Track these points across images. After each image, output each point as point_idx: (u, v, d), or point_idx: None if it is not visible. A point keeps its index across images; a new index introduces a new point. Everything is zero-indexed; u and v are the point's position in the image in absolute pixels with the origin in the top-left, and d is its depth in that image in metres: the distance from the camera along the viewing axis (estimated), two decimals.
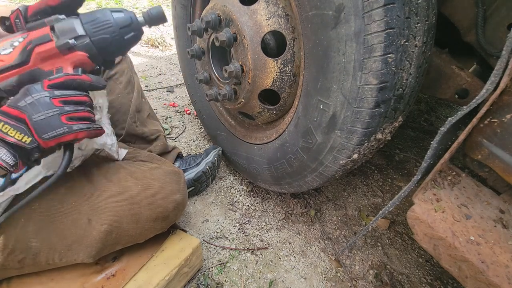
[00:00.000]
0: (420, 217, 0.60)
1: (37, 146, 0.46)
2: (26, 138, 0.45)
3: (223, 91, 0.88)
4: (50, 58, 0.50)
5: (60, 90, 0.48)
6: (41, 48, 0.49)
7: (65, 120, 0.47)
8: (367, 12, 0.52)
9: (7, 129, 0.44)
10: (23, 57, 0.49)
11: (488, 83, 0.48)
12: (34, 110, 0.45)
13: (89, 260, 0.64)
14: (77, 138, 0.49)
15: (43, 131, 0.46)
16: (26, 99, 0.46)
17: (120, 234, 0.66)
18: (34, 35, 0.50)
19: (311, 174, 0.79)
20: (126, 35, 0.56)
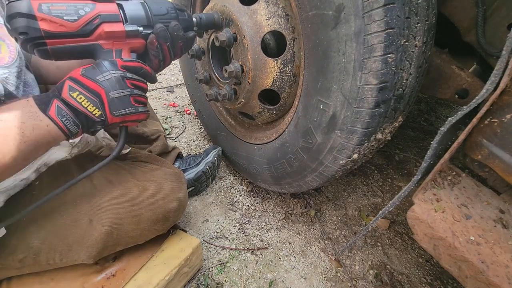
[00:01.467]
0: (420, 217, 0.60)
1: (103, 120, 0.49)
2: (96, 111, 0.48)
3: (223, 91, 0.88)
4: (113, 38, 0.51)
5: (131, 73, 0.51)
6: (108, 27, 0.49)
7: (133, 101, 0.51)
8: (367, 12, 0.52)
9: (81, 99, 0.46)
10: (87, 29, 0.47)
11: (488, 83, 0.48)
12: (112, 87, 0.48)
13: (90, 261, 0.64)
14: (139, 119, 0.54)
15: (116, 108, 0.49)
16: (104, 74, 0.48)
17: (121, 235, 0.66)
18: (103, 9, 0.48)
19: (311, 174, 0.79)
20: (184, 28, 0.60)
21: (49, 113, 0.45)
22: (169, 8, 0.58)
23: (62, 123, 0.46)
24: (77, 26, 0.47)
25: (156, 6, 0.55)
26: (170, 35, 0.56)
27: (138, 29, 0.52)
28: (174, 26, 0.56)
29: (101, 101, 0.48)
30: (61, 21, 0.45)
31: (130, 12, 0.52)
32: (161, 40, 0.55)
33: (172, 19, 0.58)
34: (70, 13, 0.46)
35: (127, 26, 0.51)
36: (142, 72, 0.53)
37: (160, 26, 0.54)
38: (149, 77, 0.55)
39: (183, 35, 0.58)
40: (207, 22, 0.72)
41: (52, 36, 0.45)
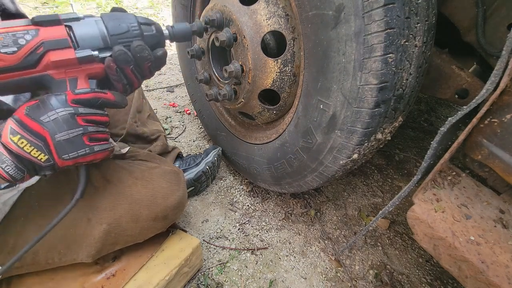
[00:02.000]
0: (420, 217, 0.60)
1: (52, 165, 0.44)
2: (42, 155, 0.42)
3: (223, 91, 0.88)
4: (64, 67, 0.45)
5: (85, 107, 0.45)
6: (55, 56, 0.43)
7: (87, 140, 0.45)
8: (367, 12, 0.52)
9: (23, 144, 0.41)
10: (31, 60, 0.42)
11: (488, 83, 0.48)
12: (58, 128, 0.42)
13: (89, 260, 0.64)
14: (95, 159, 0.48)
15: (64, 152, 0.43)
16: (49, 114, 0.42)
17: (120, 234, 0.66)
18: (48, 35, 0.42)
19: (311, 174, 0.79)
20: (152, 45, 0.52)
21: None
22: (130, 25, 0.49)
23: (3, 169, 0.41)
24: (18, 59, 0.41)
25: (114, 24, 0.48)
26: (132, 57, 0.49)
27: (92, 54, 0.45)
28: (136, 47, 0.49)
29: (47, 145, 0.42)
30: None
31: (82, 35, 0.45)
32: (121, 64, 0.48)
33: (135, 37, 0.50)
34: (8, 44, 0.40)
35: (79, 52, 0.44)
36: (100, 102, 0.46)
37: (119, 49, 0.47)
38: (112, 104, 0.49)
39: (148, 55, 0.50)
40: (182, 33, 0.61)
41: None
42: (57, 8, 2.47)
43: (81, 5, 2.62)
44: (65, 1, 2.51)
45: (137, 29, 0.50)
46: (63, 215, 0.49)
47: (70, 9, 2.15)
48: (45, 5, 2.48)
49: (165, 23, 2.74)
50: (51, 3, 2.51)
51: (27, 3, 2.41)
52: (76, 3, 2.59)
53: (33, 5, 2.43)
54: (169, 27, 0.58)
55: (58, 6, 2.49)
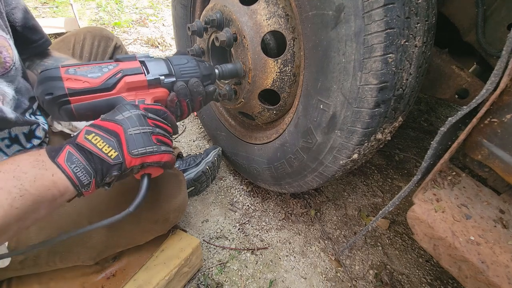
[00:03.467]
0: (420, 217, 0.60)
1: (120, 163, 0.44)
2: (113, 151, 0.43)
3: (223, 91, 0.88)
4: (135, 89, 0.52)
5: (153, 114, 0.49)
6: (130, 78, 0.50)
7: (155, 140, 0.47)
8: (367, 12, 0.52)
9: (96, 140, 0.43)
10: (110, 83, 0.49)
11: (488, 83, 0.48)
12: (131, 124, 0.45)
13: (90, 262, 0.64)
14: (161, 160, 0.48)
15: (134, 146, 0.44)
16: (124, 113, 0.46)
17: (121, 236, 0.66)
18: (126, 65, 0.51)
19: (311, 174, 0.79)
20: (205, 82, 0.62)
21: (57, 160, 0.40)
22: (189, 59, 0.61)
23: (71, 170, 0.40)
24: (100, 81, 0.48)
25: (176, 57, 0.59)
26: (189, 92, 0.57)
27: (159, 77, 0.54)
28: (194, 83, 0.58)
29: (119, 140, 0.44)
30: (85, 78, 0.47)
31: (151, 65, 0.54)
32: (180, 96, 0.56)
33: (194, 71, 0.60)
34: (94, 71, 0.48)
35: (149, 76, 0.53)
36: (165, 116, 0.51)
37: (181, 84, 0.56)
38: (172, 123, 0.53)
39: (202, 90, 0.59)
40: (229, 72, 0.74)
41: (76, 93, 0.46)
42: (57, 8, 2.47)
43: (81, 5, 2.62)
44: (65, 1, 2.51)
45: (194, 64, 0.61)
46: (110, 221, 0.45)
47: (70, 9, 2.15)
48: (45, 5, 2.48)
49: (165, 24, 2.74)
50: (51, 3, 2.51)
51: (27, 3, 2.41)
52: (76, 3, 2.59)
53: (33, 5, 2.43)
54: (218, 66, 0.71)
55: (58, 6, 2.49)
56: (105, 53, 0.90)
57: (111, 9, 2.66)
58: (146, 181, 0.49)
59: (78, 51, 0.86)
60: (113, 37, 0.92)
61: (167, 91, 0.56)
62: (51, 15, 2.39)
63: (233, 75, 0.73)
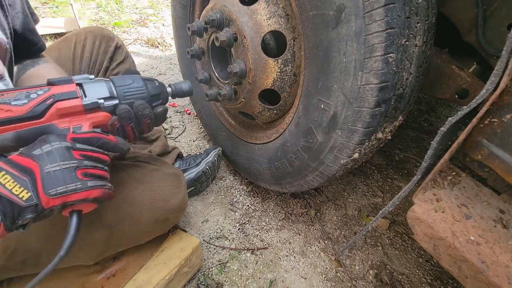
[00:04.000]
0: (420, 217, 0.60)
1: (35, 206, 0.39)
2: (24, 193, 0.38)
3: (223, 91, 0.88)
4: (69, 115, 0.46)
5: (83, 144, 0.44)
6: (63, 104, 0.45)
7: (81, 175, 0.42)
8: (368, 12, 0.52)
9: (6, 180, 0.37)
10: (38, 110, 0.43)
11: (488, 83, 0.48)
12: (49, 160, 0.40)
13: (90, 262, 0.64)
14: (89, 197, 0.42)
15: (51, 185, 0.39)
16: (44, 147, 0.41)
17: (121, 236, 0.65)
18: (59, 89, 0.46)
19: (312, 174, 0.79)
20: (154, 103, 0.56)
21: None
22: (135, 78, 0.55)
23: None
24: (26, 109, 0.42)
25: (119, 78, 0.53)
26: (134, 115, 0.52)
27: (97, 101, 0.48)
28: (138, 106, 0.52)
29: (33, 179, 0.39)
30: (7, 107, 0.41)
31: (90, 87, 0.49)
32: (123, 121, 0.51)
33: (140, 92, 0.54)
34: (19, 98, 0.43)
35: (85, 100, 0.47)
36: (100, 142, 0.46)
37: (124, 108, 0.51)
38: (113, 146, 0.47)
39: (149, 113, 0.53)
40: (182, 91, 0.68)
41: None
42: (57, 8, 2.47)
43: (81, 5, 2.62)
44: (65, 1, 2.51)
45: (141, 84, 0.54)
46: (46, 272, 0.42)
47: (70, 9, 2.15)
48: (45, 5, 2.48)
49: (165, 24, 2.74)
50: (51, 3, 2.51)
51: None
52: (76, 3, 2.59)
53: (33, 5, 2.42)
54: (171, 85, 0.65)
55: (58, 6, 2.49)
56: (106, 53, 0.90)
57: (111, 9, 2.66)
58: (75, 220, 0.44)
59: (79, 51, 0.86)
60: (114, 37, 0.92)
61: (109, 115, 0.50)
62: (51, 15, 2.39)
63: (186, 94, 0.67)
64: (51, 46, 0.86)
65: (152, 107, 0.55)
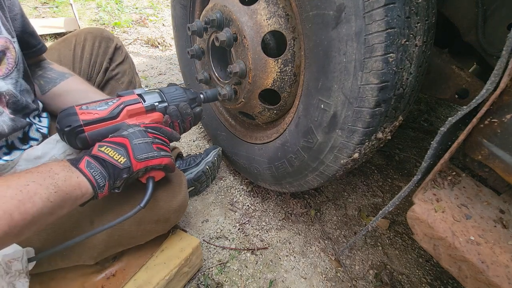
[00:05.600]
0: (420, 217, 0.59)
1: (128, 168, 0.53)
2: (122, 158, 0.53)
3: (223, 91, 0.88)
4: (135, 115, 0.63)
5: (152, 130, 0.61)
6: (131, 107, 0.62)
7: (155, 148, 0.58)
8: (368, 12, 0.52)
9: (108, 150, 0.52)
10: (115, 112, 0.60)
11: (488, 83, 0.48)
12: (135, 136, 0.56)
13: (91, 262, 0.64)
14: (162, 163, 0.58)
15: (139, 152, 0.54)
16: (129, 130, 0.57)
17: (122, 236, 0.66)
18: (126, 99, 0.63)
19: (312, 174, 0.79)
20: (192, 105, 0.75)
21: (79, 166, 0.50)
22: (177, 87, 0.74)
23: (91, 174, 0.49)
24: (107, 112, 0.60)
25: (166, 87, 0.73)
26: (180, 113, 0.69)
27: (154, 104, 0.66)
28: (183, 106, 0.70)
29: (126, 149, 0.54)
30: (95, 111, 0.59)
31: (147, 96, 0.67)
32: (173, 118, 0.69)
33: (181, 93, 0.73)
34: (102, 106, 0.60)
35: (145, 104, 0.65)
36: (161, 130, 0.63)
37: (173, 107, 0.69)
38: (169, 135, 0.65)
39: (190, 112, 0.71)
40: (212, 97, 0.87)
41: (89, 123, 0.57)
42: (57, 8, 2.47)
43: (81, 5, 2.62)
44: (65, 1, 2.51)
45: (182, 91, 0.74)
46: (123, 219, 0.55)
47: (70, 9, 2.15)
48: (45, 5, 2.48)
49: (165, 24, 2.74)
50: (51, 3, 2.51)
51: (27, 3, 2.41)
52: (76, 3, 2.59)
53: (32, 5, 2.43)
54: (203, 92, 0.84)
55: (58, 6, 2.49)
56: (105, 54, 0.90)
57: (111, 9, 2.66)
58: (151, 182, 0.59)
59: (79, 51, 0.86)
60: (114, 38, 0.92)
61: (162, 114, 0.67)
62: (51, 15, 2.39)
63: (215, 99, 0.87)
64: (51, 47, 0.86)
65: (191, 108, 0.72)
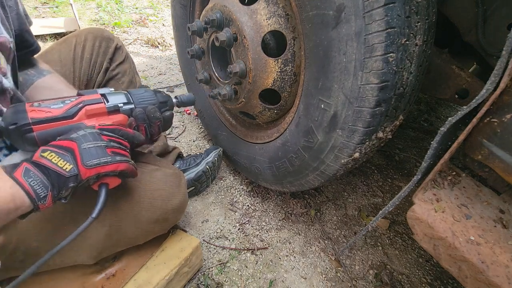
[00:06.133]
0: (420, 217, 0.59)
1: (76, 175, 0.47)
2: (67, 165, 0.46)
3: (223, 91, 0.88)
4: (96, 116, 0.57)
5: (109, 132, 0.54)
6: (90, 107, 0.56)
7: (110, 152, 0.50)
8: (368, 12, 0.52)
9: (52, 156, 0.46)
10: (71, 112, 0.54)
11: (488, 83, 0.48)
12: (85, 140, 0.49)
13: (90, 262, 0.64)
14: (117, 169, 0.51)
15: (88, 158, 0.47)
16: (79, 132, 0.50)
17: (121, 236, 0.65)
18: (86, 98, 0.57)
19: (312, 173, 0.79)
20: (163, 109, 0.68)
21: (14, 174, 0.42)
22: (146, 89, 0.67)
23: (28, 184, 0.42)
24: (62, 111, 0.53)
25: (135, 90, 0.66)
26: (147, 117, 0.62)
27: (117, 104, 0.60)
28: (151, 109, 0.63)
29: (73, 154, 0.47)
30: (48, 109, 0.52)
31: (111, 95, 0.60)
32: (139, 121, 0.62)
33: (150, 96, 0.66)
34: (57, 103, 0.54)
35: (108, 104, 0.58)
36: (121, 133, 0.56)
37: (139, 110, 0.62)
38: (131, 137, 0.57)
39: (159, 115, 0.64)
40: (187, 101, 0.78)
41: (39, 121, 0.50)
42: (57, 8, 2.47)
43: (81, 5, 2.62)
44: (65, 1, 2.51)
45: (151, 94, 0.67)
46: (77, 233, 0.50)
47: (70, 9, 2.15)
48: (45, 5, 2.48)
49: (165, 24, 2.74)
50: (51, 3, 2.51)
51: (27, 3, 2.41)
52: (76, 3, 2.59)
53: (32, 5, 2.43)
54: (177, 96, 0.76)
55: (58, 6, 2.49)
56: (106, 54, 0.90)
57: (111, 9, 2.66)
58: (104, 190, 0.52)
59: (80, 52, 0.86)
60: (114, 38, 0.92)
61: (126, 117, 0.61)
62: (51, 15, 2.38)
63: (191, 103, 0.78)
64: (51, 47, 0.86)
65: (161, 112, 0.65)
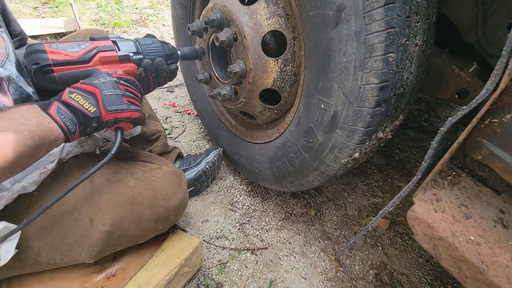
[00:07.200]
0: (420, 217, 0.59)
1: (98, 117, 0.54)
2: (92, 107, 0.53)
3: (224, 91, 0.88)
4: (108, 63, 0.62)
5: (125, 82, 0.59)
6: (104, 54, 0.60)
7: (126, 101, 0.57)
8: (368, 12, 0.52)
9: (78, 98, 0.52)
10: (87, 57, 0.59)
11: (488, 83, 0.48)
12: (106, 87, 0.55)
13: (90, 261, 0.64)
14: (131, 117, 0.58)
15: (109, 104, 0.54)
16: (100, 79, 0.56)
17: (122, 234, 0.66)
18: (100, 43, 0.61)
19: (312, 173, 0.79)
20: (169, 61, 0.72)
21: (49, 111, 0.50)
22: (154, 40, 0.71)
23: (61, 120, 0.50)
24: (79, 55, 0.58)
25: (143, 39, 0.70)
26: (155, 68, 0.68)
27: (128, 54, 0.64)
28: (159, 61, 0.68)
29: (96, 99, 0.54)
30: (66, 52, 0.57)
31: (122, 44, 0.64)
32: (147, 72, 0.67)
33: (158, 52, 0.69)
34: (73, 47, 0.58)
35: (119, 53, 0.62)
36: (134, 84, 0.62)
37: (148, 61, 0.66)
38: (140, 90, 0.63)
39: (166, 68, 0.70)
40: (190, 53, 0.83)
41: (58, 63, 0.56)
42: (57, 8, 2.47)
43: (81, 5, 2.62)
44: (65, 1, 2.50)
45: (159, 45, 0.70)
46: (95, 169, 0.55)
47: (70, 9, 2.15)
48: (45, 5, 2.48)
49: (165, 24, 2.74)
50: (51, 3, 2.51)
51: (27, 3, 2.41)
52: (76, 3, 2.59)
53: (32, 5, 2.43)
54: (181, 48, 0.80)
55: (58, 6, 2.48)
56: None
57: (111, 9, 2.66)
58: (120, 132, 0.60)
59: None
60: None
61: (136, 66, 0.66)
62: (51, 15, 2.38)
63: (193, 57, 0.83)
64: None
65: (167, 64, 0.71)
